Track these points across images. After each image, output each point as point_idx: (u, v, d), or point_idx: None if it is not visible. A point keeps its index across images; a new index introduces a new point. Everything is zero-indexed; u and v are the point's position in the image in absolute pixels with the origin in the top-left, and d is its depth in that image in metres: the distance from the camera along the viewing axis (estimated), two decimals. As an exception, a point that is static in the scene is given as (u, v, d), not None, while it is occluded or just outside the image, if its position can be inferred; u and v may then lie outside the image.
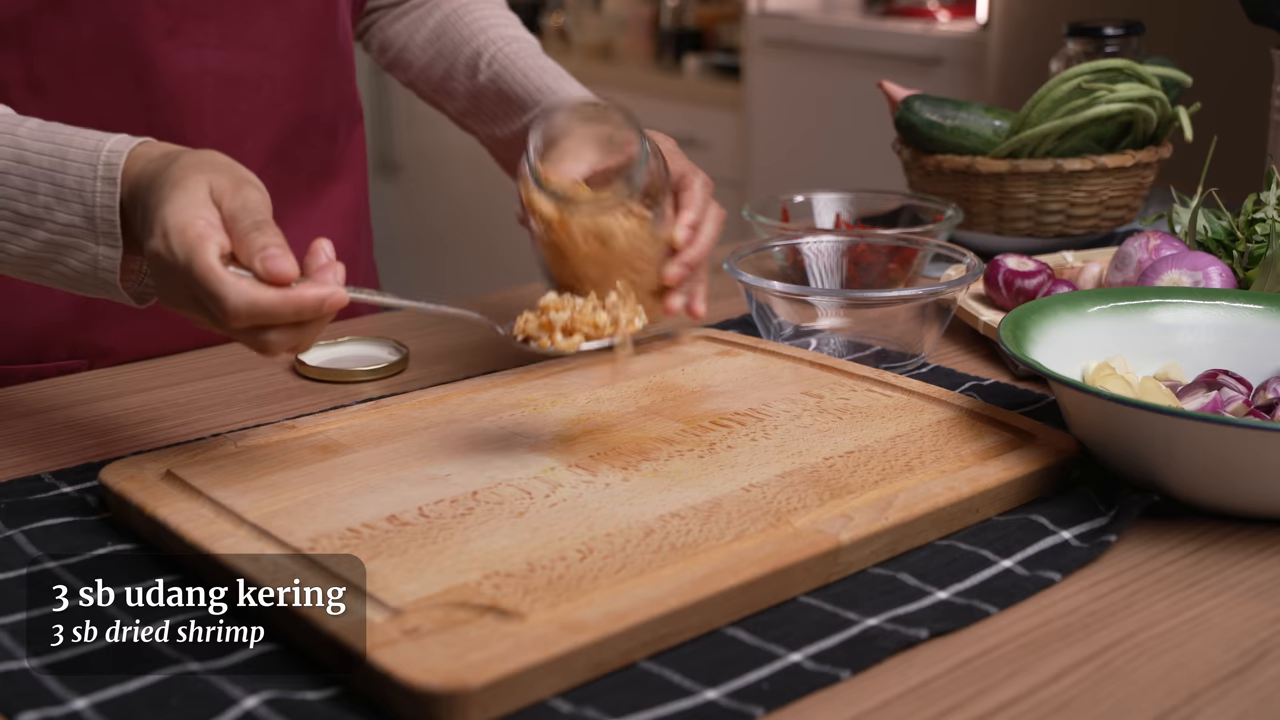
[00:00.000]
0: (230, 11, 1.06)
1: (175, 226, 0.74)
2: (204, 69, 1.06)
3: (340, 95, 1.20)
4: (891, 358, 1.06)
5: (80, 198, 0.81)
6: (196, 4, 1.04)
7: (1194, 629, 0.68)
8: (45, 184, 0.81)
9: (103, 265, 0.82)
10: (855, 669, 0.64)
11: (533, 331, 0.83)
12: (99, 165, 0.80)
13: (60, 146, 0.82)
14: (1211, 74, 1.77)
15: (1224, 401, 0.85)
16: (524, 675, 0.60)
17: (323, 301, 0.75)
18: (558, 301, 0.83)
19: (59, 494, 0.83)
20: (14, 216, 0.82)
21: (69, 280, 0.84)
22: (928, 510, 0.76)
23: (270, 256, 0.74)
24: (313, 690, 0.62)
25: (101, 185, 0.80)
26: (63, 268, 0.83)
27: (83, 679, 0.62)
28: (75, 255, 0.82)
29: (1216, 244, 1.14)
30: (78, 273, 0.83)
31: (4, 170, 0.82)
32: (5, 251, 0.84)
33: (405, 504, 0.76)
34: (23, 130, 0.83)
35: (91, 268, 0.82)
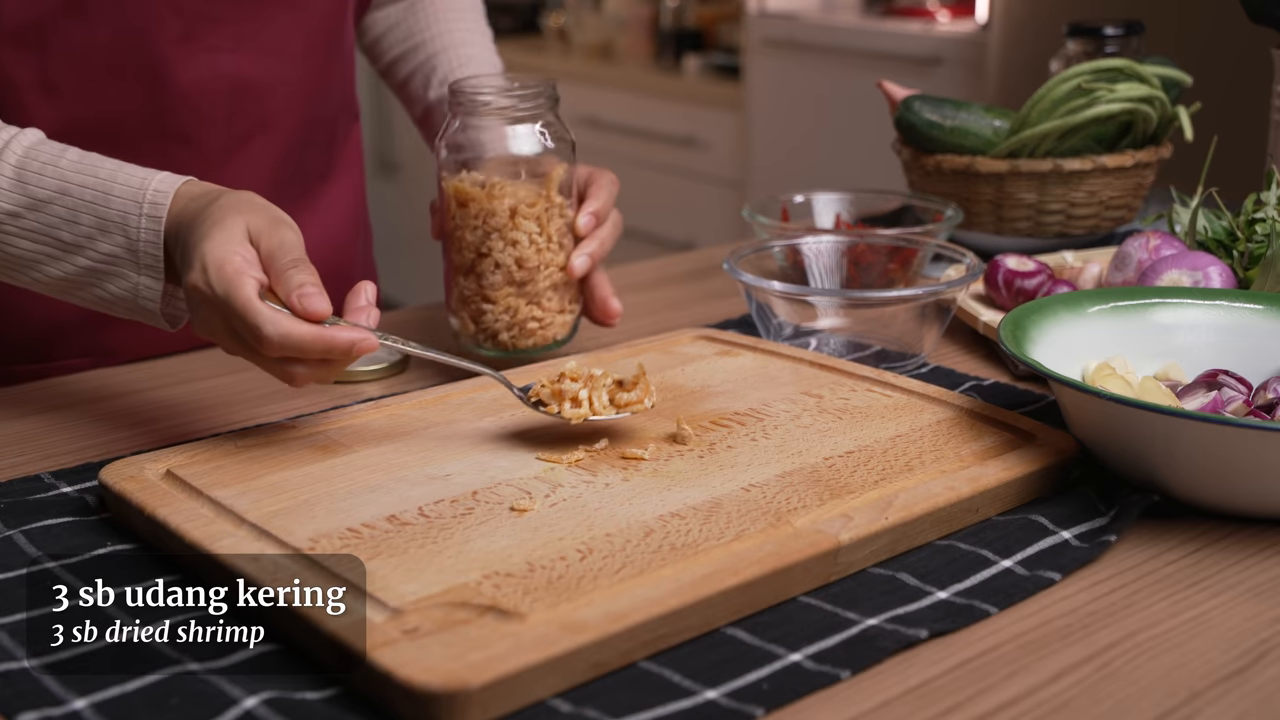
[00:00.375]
0: (244, 17, 1.07)
1: (214, 263, 0.79)
2: (217, 74, 1.07)
3: (343, 97, 1.20)
4: (891, 358, 1.06)
5: (124, 231, 0.85)
6: (211, 9, 1.05)
7: (1194, 629, 0.68)
8: (88, 215, 0.86)
9: (144, 295, 0.87)
10: (855, 669, 0.64)
11: (545, 397, 0.86)
12: (144, 203, 0.85)
13: (104, 181, 0.86)
14: (1211, 74, 1.77)
15: (1224, 401, 0.85)
16: (524, 675, 0.60)
17: (352, 345, 0.80)
18: (574, 372, 0.86)
19: (59, 494, 0.83)
20: (55, 243, 0.87)
21: (105, 303, 0.89)
22: (928, 510, 0.76)
23: (306, 295, 0.79)
24: (313, 690, 0.62)
25: (146, 222, 0.85)
26: (101, 292, 0.88)
27: (82, 679, 0.62)
28: (116, 282, 0.87)
29: (1216, 244, 1.14)
30: (116, 297, 0.88)
31: (46, 200, 0.87)
32: (43, 273, 0.88)
33: (405, 504, 0.76)
34: (65, 162, 0.87)
35: (132, 295, 0.87)
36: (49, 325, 1.11)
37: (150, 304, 0.87)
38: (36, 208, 0.87)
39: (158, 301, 0.87)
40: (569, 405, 0.85)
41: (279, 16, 1.08)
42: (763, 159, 3.24)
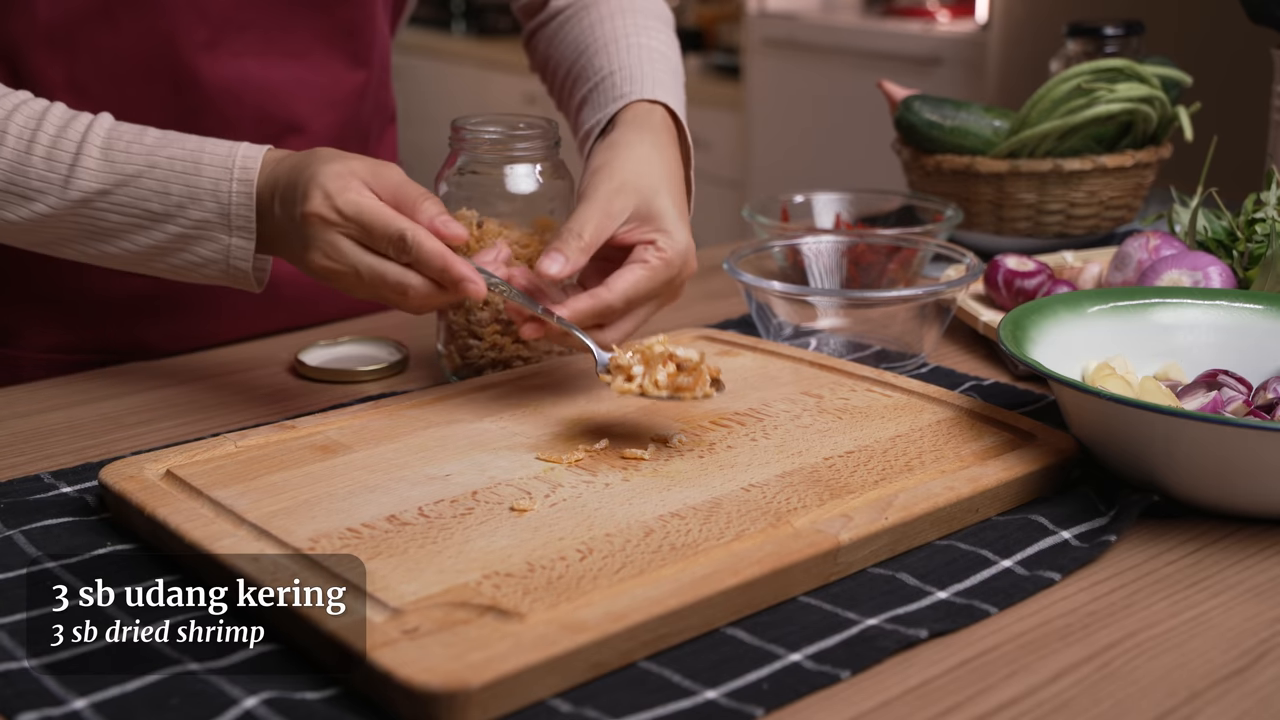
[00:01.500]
0: (271, 23, 1.07)
1: (337, 187, 0.84)
2: (244, 79, 1.07)
3: (377, 101, 1.20)
4: (891, 358, 1.06)
5: (215, 198, 0.88)
6: (237, 15, 1.05)
7: (1194, 629, 0.68)
8: (179, 185, 0.89)
9: (236, 255, 0.90)
10: (855, 669, 0.64)
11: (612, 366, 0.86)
12: (234, 168, 0.88)
13: (192, 152, 0.89)
14: (1211, 74, 1.77)
15: (1224, 401, 0.85)
16: (524, 675, 0.60)
17: (464, 280, 0.84)
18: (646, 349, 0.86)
19: (58, 494, 0.83)
20: (144, 214, 0.89)
21: (193, 266, 0.91)
22: (927, 510, 0.76)
23: (445, 221, 0.85)
24: (312, 690, 0.62)
25: (238, 186, 0.88)
26: (191, 256, 0.90)
27: (82, 679, 0.62)
28: (207, 245, 0.90)
29: (1216, 244, 1.14)
30: (206, 260, 0.90)
31: (135, 174, 0.89)
32: (132, 241, 0.90)
33: (405, 504, 0.76)
34: (149, 139, 0.90)
35: (224, 256, 0.90)
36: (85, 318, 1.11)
37: (243, 263, 0.90)
38: (126, 183, 0.89)
39: (249, 261, 0.90)
40: (621, 379, 0.85)
41: (306, 21, 1.08)
42: (763, 159, 3.24)
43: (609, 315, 0.88)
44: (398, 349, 1.09)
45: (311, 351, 1.08)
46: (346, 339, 1.11)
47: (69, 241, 0.92)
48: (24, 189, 0.89)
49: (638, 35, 1.06)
